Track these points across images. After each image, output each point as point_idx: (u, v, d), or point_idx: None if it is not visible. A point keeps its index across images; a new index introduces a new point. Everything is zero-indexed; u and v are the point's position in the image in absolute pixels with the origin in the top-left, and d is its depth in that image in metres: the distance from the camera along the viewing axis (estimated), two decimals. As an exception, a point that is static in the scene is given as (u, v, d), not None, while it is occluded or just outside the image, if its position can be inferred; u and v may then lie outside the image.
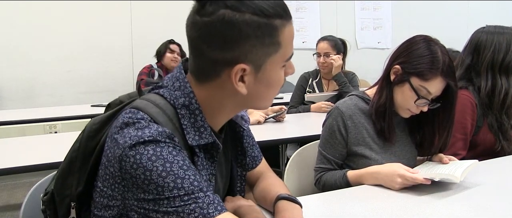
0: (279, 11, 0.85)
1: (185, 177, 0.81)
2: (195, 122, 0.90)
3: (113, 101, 1.02)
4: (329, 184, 1.51)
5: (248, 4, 0.82)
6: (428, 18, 5.84)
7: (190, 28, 0.87)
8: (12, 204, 3.48)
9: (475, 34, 1.88)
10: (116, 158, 0.82)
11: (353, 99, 1.58)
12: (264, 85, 0.90)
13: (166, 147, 0.82)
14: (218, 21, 0.82)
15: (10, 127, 2.91)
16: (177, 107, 0.89)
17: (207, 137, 0.91)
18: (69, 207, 0.94)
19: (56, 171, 0.99)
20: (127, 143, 0.81)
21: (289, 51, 0.90)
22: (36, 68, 4.02)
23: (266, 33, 0.84)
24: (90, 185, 0.92)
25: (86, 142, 0.94)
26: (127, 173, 0.81)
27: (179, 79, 0.92)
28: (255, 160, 1.18)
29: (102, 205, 0.88)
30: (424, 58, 1.41)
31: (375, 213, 1.19)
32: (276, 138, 2.46)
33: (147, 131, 0.82)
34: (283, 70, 0.92)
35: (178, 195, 0.79)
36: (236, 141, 1.08)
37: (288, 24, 0.87)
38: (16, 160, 1.83)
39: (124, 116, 0.86)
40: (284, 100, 3.66)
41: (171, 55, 3.90)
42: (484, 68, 1.81)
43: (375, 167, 1.44)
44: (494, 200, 1.30)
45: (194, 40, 0.86)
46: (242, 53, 0.84)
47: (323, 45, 3.14)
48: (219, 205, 0.82)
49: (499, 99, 1.78)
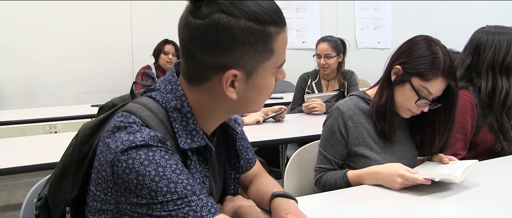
0: (275, 18, 0.84)
1: (178, 181, 0.80)
2: (187, 125, 0.89)
3: (105, 104, 1.02)
4: (329, 184, 1.51)
5: (244, 9, 0.81)
6: (428, 18, 5.84)
7: (182, 29, 0.86)
8: (12, 204, 3.48)
9: (475, 34, 1.88)
10: (108, 162, 0.82)
11: (354, 99, 1.58)
12: (255, 91, 0.89)
13: (158, 151, 0.81)
14: (212, 26, 0.80)
15: (10, 127, 2.91)
16: (169, 110, 0.89)
17: (199, 140, 0.90)
18: (64, 212, 0.93)
19: (49, 176, 0.99)
20: (118, 147, 0.81)
21: (282, 59, 0.89)
22: (36, 68, 4.03)
23: (260, 40, 0.83)
24: (84, 189, 0.91)
25: (79, 146, 0.93)
26: (119, 178, 0.80)
27: (171, 82, 0.91)
28: (249, 163, 1.17)
29: (96, 209, 0.87)
30: (425, 59, 1.41)
31: (375, 213, 1.19)
32: (276, 138, 2.46)
33: (139, 135, 0.82)
34: (274, 76, 0.91)
35: (171, 199, 0.79)
36: (229, 144, 1.07)
37: (282, 31, 0.86)
38: (16, 160, 1.83)
39: (116, 120, 0.86)
40: (284, 100, 3.66)
41: (166, 57, 3.92)
42: (484, 69, 1.81)
43: (375, 167, 1.44)
44: (494, 200, 1.30)
45: (186, 43, 0.85)
46: (234, 59, 0.83)
47: (323, 46, 3.14)
48: (213, 208, 0.82)
49: (500, 100, 1.78)
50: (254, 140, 2.32)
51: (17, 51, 3.94)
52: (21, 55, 3.96)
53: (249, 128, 2.56)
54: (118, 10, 4.27)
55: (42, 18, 4.00)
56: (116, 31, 4.28)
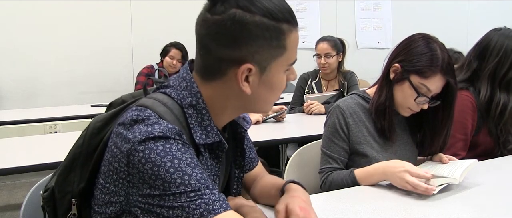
0: (287, 16, 0.88)
1: (192, 174, 0.81)
2: (202, 121, 0.91)
3: (115, 100, 1.03)
4: (336, 184, 1.47)
5: (259, 6, 0.85)
6: (428, 18, 5.84)
7: (200, 26, 0.88)
8: (12, 204, 3.48)
9: (488, 34, 1.82)
10: (123, 152, 0.83)
11: (354, 98, 1.58)
12: (268, 88, 0.92)
13: (175, 144, 0.83)
14: (229, 20, 0.84)
15: (10, 127, 2.91)
16: (185, 106, 0.91)
17: (214, 136, 0.92)
18: (70, 204, 0.94)
19: (56, 169, 0.99)
20: (136, 138, 0.82)
21: (293, 56, 0.92)
22: (36, 68, 4.03)
23: (273, 36, 0.86)
24: (91, 182, 0.92)
25: (89, 139, 0.94)
26: (134, 167, 0.81)
27: (185, 79, 0.93)
28: (252, 162, 1.19)
29: (104, 202, 0.88)
30: (423, 56, 1.41)
31: (376, 213, 1.19)
32: (276, 138, 2.46)
33: (157, 127, 0.83)
34: (286, 74, 0.94)
35: (185, 191, 0.80)
36: (237, 142, 1.08)
37: (294, 30, 0.90)
38: (16, 160, 1.83)
39: (131, 113, 0.87)
40: (284, 100, 3.66)
41: (170, 61, 3.88)
42: (485, 76, 1.77)
43: (382, 162, 1.41)
44: (494, 200, 1.30)
45: (203, 38, 0.88)
46: (250, 53, 0.86)
47: (323, 46, 3.14)
48: (224, 203, 0.83)
49: (496, 113, 1.74)
50: (254, 140, 2.30)
51: (17, 51, 3.94)
52: (21, 55, 3.96)
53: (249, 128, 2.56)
54: (118, 10, 4.27)
55: (42, 19, 4.00)
56: (116, 31, 4.28)
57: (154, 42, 4.02)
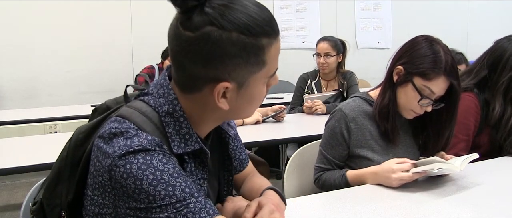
0: (267, 29, 0.82)
1: (176, 184, 0.80)
2: (180, 129, 0.88)
3: (99, 106, 1.01)
4: (328, 184, 1.51)
5: (235, 21, 0.79)
6: (428, 18, 5.84)
7: (172, 40, 0.84)
8: (12, 204, 3.48)
9: (502, 43, 1.78)
10: (105, 167, 0.81)
11: (357, 101, 1.58)
12: (246, 100, 0.89)
13: (156, 155, 0.81)
14: (203, 40, 0.79)
15: (10, 127, 2.91)
16: (161, 115, 0.88)
17: (193, 144, 0.89)
18: (60, 216, 0.93)
19: (43, 180, 0.99)
20: (116, 153, 0.80)
21: (274, 68, 0.88)
22: (36, 68, 4.03)
23: (251, 53, 0.81)
24: (80, 193, 0.91)
25: (73, 151, 0.93)
26: (117, 183, 0.80)
27: (163, 86, 0.89)
28: (243, 163, 1.17)
29: (94, 213, 0.87)
30: (426, 58, 1.41)
31: (375, 213, 1.19)
32: (276, 138, 2.46)
33: (136, 140, 0.81)
34: (266, 85, 0.90)
35: (170, 203, 0.79)
36: (222, 147, 1.06)
37: (275, 41, 0.84)
38: (16, 160, 1.83)
39: (110, 126, 0.85)
40: (284, 100, 3.66)
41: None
42: (498, 91, 1.76)
43: (374, 166, 1.44)
44: (494, 200, 1.30)
45: (176, 54, 0.84)
46: (226, 71, 0.82)
47: (323, 46, 3.14)
48: (211, 209, 0.82)
49: (506, 129, 1.74)
50: (254, 140, 2.32)
51: (17, 51, 3.94)
52: (21, 55, 3.96)
53: (249, 128, 2.56)
54: (118, 10, 4.27)
55: (42, 18, 3.99)
56: (116, 31, 4.28)
57: (154, 42, 4.01)
